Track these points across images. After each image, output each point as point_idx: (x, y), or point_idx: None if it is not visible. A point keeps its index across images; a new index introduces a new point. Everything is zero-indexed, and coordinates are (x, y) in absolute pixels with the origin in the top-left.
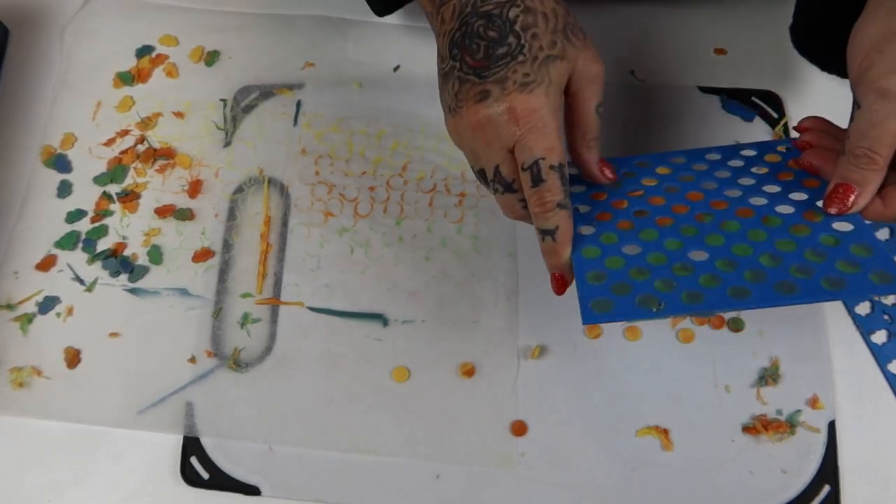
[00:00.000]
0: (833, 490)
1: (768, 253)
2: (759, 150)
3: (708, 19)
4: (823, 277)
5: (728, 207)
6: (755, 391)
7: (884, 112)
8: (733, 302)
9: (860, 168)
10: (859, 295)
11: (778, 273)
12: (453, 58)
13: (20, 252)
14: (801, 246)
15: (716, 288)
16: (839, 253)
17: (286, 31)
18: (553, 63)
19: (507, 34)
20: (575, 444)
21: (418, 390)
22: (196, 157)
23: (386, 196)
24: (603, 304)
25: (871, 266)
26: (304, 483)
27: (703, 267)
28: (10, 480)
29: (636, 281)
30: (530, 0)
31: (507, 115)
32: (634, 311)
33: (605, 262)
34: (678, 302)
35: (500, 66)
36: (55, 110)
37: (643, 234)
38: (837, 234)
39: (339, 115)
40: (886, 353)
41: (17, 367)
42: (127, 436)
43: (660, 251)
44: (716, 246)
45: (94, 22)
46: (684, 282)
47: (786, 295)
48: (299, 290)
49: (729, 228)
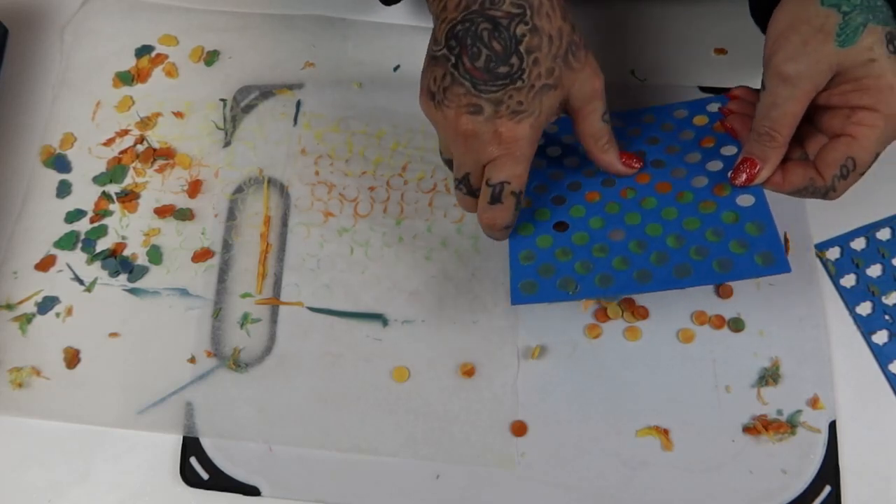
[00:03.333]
0: (833, 490)
1: (675, 234)
2: (690, 110)
3: (708, 19)
4: (715, 260)
5: (650, 182)
6: (755, 391)
7: (784, 95)
8: (637, 286)
9: (763, 144)
10: (743, 276)
11: (678, 255)
12: (450, 49)
13: (19, 252)
14: (704, 224)
15: (624, 271)
16: (734, 232)
17: (286, 31)
18: (547, 93)
19: (511, 53)
20: (575, 444)
21: (418, 390)
22: (196, 157)
23: (386, 196)
24: (530, 285)
25: (758, 247)
26: (304, 483)
27: (617, 249)
28: (10, 480)
29: (559, 262)
30: (539, 18)
31: (491, 136)
32: (555, 293)
33: (536, 241)
34: (592, 285)
35: (497, 87)
36: (55, 110)
37: (572, 210)
38: (738, 210)
39: (339, 115)
40: (887, 354)
41: (17, 367)
42: (127, 436)
43: (584, 230)
44: (633, 225)
45: (94, 22)
46: (600, 264)
47: (681, 278)
48: (299, 290)
49: (647, 206)
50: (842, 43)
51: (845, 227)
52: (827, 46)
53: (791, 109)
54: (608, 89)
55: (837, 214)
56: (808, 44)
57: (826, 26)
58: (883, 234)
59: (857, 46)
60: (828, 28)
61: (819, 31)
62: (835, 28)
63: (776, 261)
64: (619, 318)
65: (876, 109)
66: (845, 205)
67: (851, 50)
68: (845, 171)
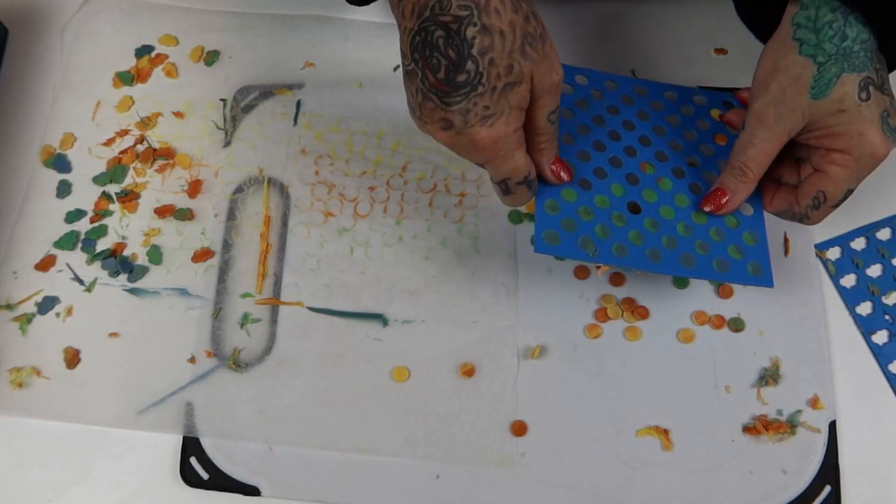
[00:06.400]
0: (834, 490)
1: (684, 222)
2: (709, 99)
3: (708, 19)
4: (715, 258)
5: (668, 162)
6: (755, 391)
7: (760, 136)
8: (648, 263)
9: (735, 178)
10: (736, 280)
11: (686, 244)
12: (415, 62)
13: (20, 252)
14: (709, 222)
15: (639, 247)
16: (734, 237)
17: (286, 31)
18: (511, 90)
19: (465, 58)
20: (575, 444)
21: (418, 390)
22: (196, 156)
23: (386, 196)
24: (553, 236)
25: (752, 256)
26: (304, 483)
27: (634, 222)
28: (10, 480)
29: (582, 220)
30: (487, 16)
31: (470, 146)
32: (576, 251)
33: (561, 193)
34: (609, 252)
35: (461, 96)
36: (55, 110)
37: (596, 170)
38: (739, 217)
39: (339, 115)
40: (887, 354)
41: (17, 367)
42: (127, 436)
43: (605, 194)
44: (650, 202)
45: (94, 22)
46: (617, 233)
47: (686, 267)
48: (299, 290)
49: (663, 187)
50: (814, 96)
51: (845, 227)
52: (801, 98)
53: (765, 150)
54: None
55: (837, 214)
56: (784, 92)
57: (802, 77)
58: (883, 234)
59: (828, 99)
60: (803, 80)
61: (795, 81)
62: (809, 80)
63: (763, 274)
64: (619, 318)
65: (847, 152)
66: (845, 205)
67: (822, 102)
68: (817, 202)
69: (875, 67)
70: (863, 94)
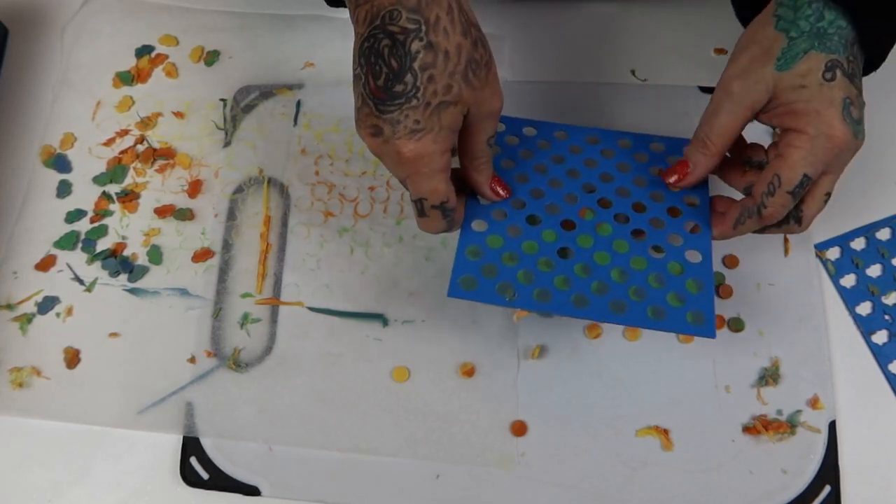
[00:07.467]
0: (833, 490)
1: (620, 268)
2: (667, 145)
3: (708, 19)
4: (651, 306)
5: (611, 208)
6: (755, 391)
7: (724, 108)
8: (571, 309)
9: (696, 150)
10: (671, 329)
11: (618, 290)
12: (360, 66)
13: (20, 252)
14: (649, 268)
15: (564, 292)
16: (675, 284)
17: (286, 31)
18: (445, 109)
19: (406, 70)
20: (575, 444)
21: (418, 390)
22: (196, 156)
23: (386, 196)
24: (470, 281)
25: (692, 305)
26: (304, 483)
27: (562, 267)
28: (10, 480)
29: (504, 266)
30: (434, 34)
31: (395, 157)
32: (492, 295)
33: (486, 239)
34: (529, 297)
35: (395, 106)
36: (55, 110)
37: (529, 218)
38: (684, 264)
39: (339, 115)
40: (887, 354)
41: (17, 367)
42: (127, 436)
43: (535, 240)
44: (584, 248)
45: (94, 22)
46: (542, 278)
47: (614, 314)
48: (299, 290)
49: (602, 232)
50: (779, 67)
51: (845, 227)
52: (767, 68)
53: (727, 122)
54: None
55: (837, 214)
56: (753, 63)
57: (772, 49)
58: (883, 234)
59: (792, 72)
60: (773, 51)
61: (765, 53)
62: (777, 52)
63: (705, 323)
64: None
65: (803, 131)
66: (845, 205)
67: (786, 74)
68: (771, 188)
69: (848, 57)
70: (828, 74)
